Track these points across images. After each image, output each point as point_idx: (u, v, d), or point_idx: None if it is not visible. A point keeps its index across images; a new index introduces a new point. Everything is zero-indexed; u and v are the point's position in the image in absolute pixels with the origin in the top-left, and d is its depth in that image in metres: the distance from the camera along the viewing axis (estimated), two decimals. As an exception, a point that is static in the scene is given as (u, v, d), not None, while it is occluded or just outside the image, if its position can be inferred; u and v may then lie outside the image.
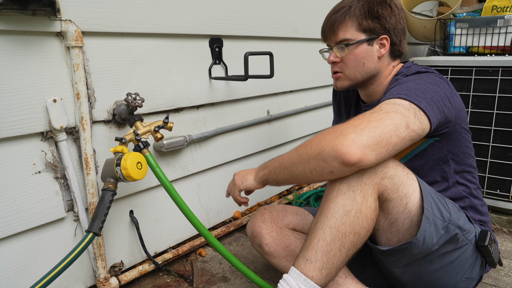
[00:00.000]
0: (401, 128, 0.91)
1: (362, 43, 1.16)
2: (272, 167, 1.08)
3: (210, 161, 1.68)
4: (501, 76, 1.78)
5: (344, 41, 1.17)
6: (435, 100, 1.00)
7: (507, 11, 2.04)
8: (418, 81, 1.05)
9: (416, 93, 0.99)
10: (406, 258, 1.05)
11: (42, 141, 1.13)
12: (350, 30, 1.16)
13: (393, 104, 0.96)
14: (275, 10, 1.86)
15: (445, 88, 1.06)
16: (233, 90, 1.71)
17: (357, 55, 1.17)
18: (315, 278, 0.95)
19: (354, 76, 1.20)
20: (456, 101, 1.09)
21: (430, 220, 0.99)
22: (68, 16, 1.11)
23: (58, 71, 1.13)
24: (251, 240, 1.29)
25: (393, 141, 0.91)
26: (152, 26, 1.34)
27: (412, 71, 1.15)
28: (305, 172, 0.97)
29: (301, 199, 2.01)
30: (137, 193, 1.42)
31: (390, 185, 0.97)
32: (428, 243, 1.00)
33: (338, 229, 0.95)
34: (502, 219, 1.88)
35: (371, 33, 1.16)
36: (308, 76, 2.14)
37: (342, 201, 0.95)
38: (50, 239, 1.20)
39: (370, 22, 1.15)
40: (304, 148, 0.98)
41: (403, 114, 0.93)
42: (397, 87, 1.04)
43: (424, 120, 0.96)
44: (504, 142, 1.83)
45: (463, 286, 1.12)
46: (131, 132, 1.20)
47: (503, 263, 1.58)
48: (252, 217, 1.31)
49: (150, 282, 1.46)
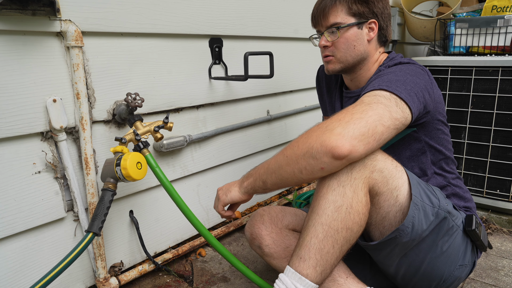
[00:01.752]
0: (385, 117, 0.93)
1: (352, 26, 1.19)
2: (258, 174, 1.06)
3: (210, 161, 1.68)
4: (501, 76, 1.78)
5: (335, 25, 1.20)
6: (414, 90, 1.02)
7: (507, 11, 2.04)
8: (398, 72, 1.08)
9: (396, 84, 1.01)
10: (398, 249, 1.05)
11: (42, 141, 1.13)
12: (340, 14, 1.19)
13: (374, 96, 0.98)
14: (275, 10, 1.86)
15: (425, 80, 1.09)
16: (233, 90, 1.71)
17: (348, 38, 1.20)
18: (310, 276, 0.95)
19: (345, 58, 1.22)
20: (436, 93, 1.12)
21: (419, 206, 1.00)
22: (68, 16, 1.11)
23: (58, 71, 1.13)
24: (250, 242, 1.29)
25: (379, 130, 0.92)
26: (152, 26, 1.34)
27: (394, 62, 1.18)
28: (295, 173, 0.96)
29: (301, 199, 2.01)
30: (137, 193, 1.42)
31: (380, 179, 0.98)
32: (418, 229, 1.01)
33: (329, 225, 0.95)
34: (502, 219, 1.88)
35: (361, 17, 1.19)
36: (308, 76, 2.14)
37: (332, 197, 0.95)
38: (50, 239, 1.20)
39: (360, 6, 1.18)
40: (291, 149, 0.97)
41: (384, 104, 0.95)
42: (378, 79, 1.07)
43: (405, 109, 0.98)
44: (504, 142, 1.83)
45: (458, 274, 1.13)
46: (131, 132, 1.20)
47: (504, 263, 1.58)
48: (250, 219, 1.31)
49: (150, 282, 1.46)
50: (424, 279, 1.12)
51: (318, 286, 0.97)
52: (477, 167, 1.93)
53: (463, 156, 1.95)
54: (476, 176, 1.93)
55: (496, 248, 1.70)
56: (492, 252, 1.67)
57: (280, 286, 0.97)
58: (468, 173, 1.95)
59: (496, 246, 1.71)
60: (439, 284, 1.13)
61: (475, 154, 1.92)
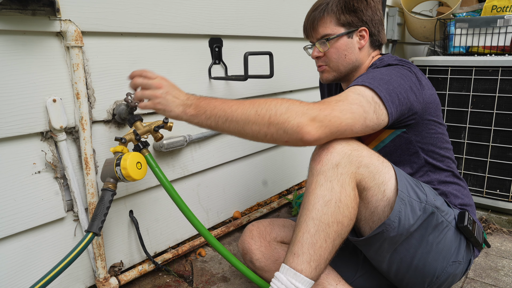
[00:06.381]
0: (357, 124, 0.98)
1: (342, 36, 1.21)
2: (213, 113, 1.01)
3: (210, 161, 1.68)
4: (501, 76, 1.78)
5: (324, 36, 1.22)
6: (397, 91, 1.04)
7: (507, 11, 2.04)
8: (385, 71, 1.10)
9: (380, 83, 1.03)
10: (387, 244, 1.07)
11: (42, 141, 1.13)
12: (330, 25, 1.21)
13: (357, 95, 1.00)
14: (275, 10, 1.86)
15: (410, 81, 1.10)
16: (233, 90, 1.71)
17: (339, 48, 1.22)
18: (305, 271, 0.96)
19: (337, 67, 1.25)
20: (425, 94, 1.13)
21: (405, 201, 1.02)
22: (67, 16, 1.11)
23: (58, 71, 1.13)
24: (243, 257, 1.33)
25: (347, 133, 0.99)
26: (152, 26, 1.34)
27: (384, 63, 1.19)
28: (259, 133, 0.97)
29: (300, 199, 2.01)
30: (136, 193, 1.42)
31: (367, 173, 1.00)
32: (405, 224, 1.02)
33: (320, 220, 0.97)
34: (502, 219, 1.88)
35: (350, 26, 1.21)
36: (308, 76, 2.14)
37: (321, 192, 0.98)
38: (49, 239, 1.20)
39: (348, 16, 1.20)
40: (266, 110, 0.96)
41: (364, 109, 0.98)
42: (363, 76, 1.09)
43: (382, 114, 1.01)
44: (504, 142, 1.83)
45: (451, 271, 1.14)
46: (130, 132, 1.20)
47: (504, 263, 1.58)
48: (242, 234, 1.35)
49: (150, 282, 1.46)
50: (416, 275, 1.13)
51: (313, 282, 0.98)
52: (477, 167, 1.93)
53: (463, 156, 1.95)
54: (476, 176, 1.94)
55: (496, 248, 1.70)
56: (492, 252, 1.67)
57: (276, 284, 0.98)
58: (468, 173, 1.95)
59: (496, 246, 1.71)
60: (433, 280, 1.13)
61: (475, 154, 1.92)
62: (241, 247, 1.33)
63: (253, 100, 1.00)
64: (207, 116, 1.02)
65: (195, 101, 1.05)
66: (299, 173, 2.24)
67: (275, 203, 2.01)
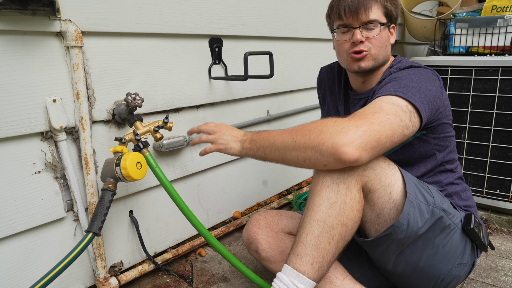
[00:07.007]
0: (397, 134, 0.96)
1: (386, 26, 1.19)
2: (261, 144, 1.07)
3: (210, 161, 1.68)
4: (501, 76, 1.78)
5: (373, 21, 1.15)
6: (427, 98, 1.04)
7: (507, 11, 2.04)
8: (414, 77, 1.08)
9: (412, 91, 1.02)
10: (394, 245, 1.06)
11: (42, 141, 1.13)
12: (377, 12, 1.17)
13: (392, 104, 0.98)
14: (275, 10, 1.86)
15: (436, 85, 1.10)
16: (233, 90, 1.71)
17: (383, 37, 1.18)
18: (307, 273, 0.96)
19: (378, 57, 1.18)
20: (444, 96, 1.14)
21: (414, 204, 1.01)
22: (67, 16, 1.11)
23: (58, 71, 1.13)
24: (247, 246, 1.30)
25: (387, 146, 0.96)
26: (152, 26, 1.34)
27: (405, 64, 1.18)
28: (298, 159, 0.98)
29: (300, 199, 2.01)
30: (137, 193, 1.42)
31: (373, 176, 0.99)
32: (413, 226, 1.01)
33: (324, 221, 0.96)
34: (502, 219, 1.88)
35: (390, 19, 1.20)
36: (308, 76, 2.14)
37: (326, 194, 0.97)
38: (49, 239, 1.20)
39: (391, 8, 1.18)
40: (301, 136, 0.97)
41: (401, 119, 0.96)
42: (393, 83, 1.07)
43: (416, 122, 1.01)
44: (504, 142, 1.83)
45: (456, 273, 1.13)
46: (130, 132, 1.20)
47: (504, 263, 1.58)
48: (247, 224, 1.31)
49: (150, 282, 1.46)
50: (422, 277, 1.12)
51: (315, 284, 0.98)
52: (477, 167, 1.93)
53: (463, 156, 1.95)
54: (476, 176, 1.94)
55: (496, 248, 1.70)
56: (492, 252, 1.67)
57: (278, 284, 0.97)
58: (468, 173, 1.95)
59: (496, 246, 1.71)
60: (437, 282, 1.13)
61: (475, 154, 1.92)
62: (246, 236, 1.29)
63: (294, 127, 1.02)
64: (257, 148, 1.08)
65: (250, 136, 1.13)
66: (299, 173, 2.24)
67: (275, 203, 2.01)
